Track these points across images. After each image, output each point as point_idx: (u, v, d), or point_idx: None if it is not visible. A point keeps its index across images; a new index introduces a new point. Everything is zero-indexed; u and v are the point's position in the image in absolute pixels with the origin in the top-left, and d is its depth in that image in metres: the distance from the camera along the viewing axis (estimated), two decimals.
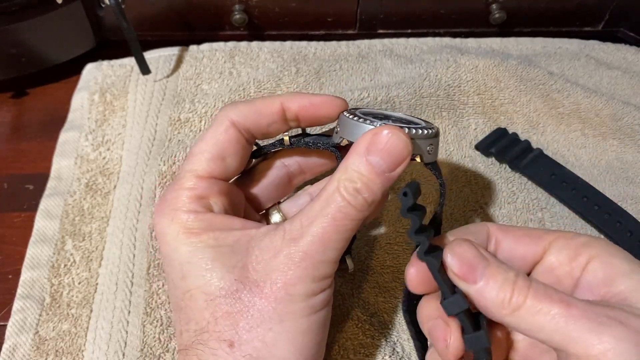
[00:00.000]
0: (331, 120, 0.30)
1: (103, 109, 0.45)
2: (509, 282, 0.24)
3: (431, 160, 0.28)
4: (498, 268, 0.25)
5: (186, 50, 0.49)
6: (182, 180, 0.29)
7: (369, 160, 0.26)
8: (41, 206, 0.40)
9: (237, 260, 0.26)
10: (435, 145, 0.28)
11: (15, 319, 0.35)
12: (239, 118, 0.29)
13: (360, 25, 0.53)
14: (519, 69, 0.47)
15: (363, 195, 0.26)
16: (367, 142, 0.26)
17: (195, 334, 0.26)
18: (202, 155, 0.29)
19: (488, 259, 0.25)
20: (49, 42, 0.47)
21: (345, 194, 0.26)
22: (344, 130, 0.29)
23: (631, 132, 0.45)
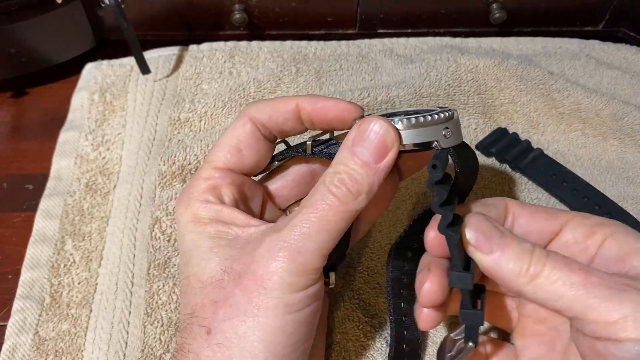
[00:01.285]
0: (345, 125, 0.30)
1: (103, 108, 0.45)
2: (527, 252, 0.24)
3: (452, 143, 0.27)
4: (513, 239, 0.25)
5: (186, 50, 0.49)
6: (201, 171, 0.30)
7: (353, 150, 0.26)
8: (41, 206, 0.40)
9: (231, 254, 0.27)
10: (452, 128, 0.27)
11: (15, 319, 0.35)
12: (256, 114, 0.30)
13: (361, 25, 0.53)
14: (519, 68, 0.47)
15: (347, 186, 0.26)
16: (352, 135, 0.26)
17: (188, 317, 0.27)
18: (222, 148, 0.30)
19: (503, 231, 0.25)
20: (48, 41, 0.47)
21: (329, 185, 0.26)
22: None
23: (631, 132, 0.44)
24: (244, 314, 0.25)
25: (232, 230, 0.28)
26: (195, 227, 0.28)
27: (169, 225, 0.38)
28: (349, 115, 0.29)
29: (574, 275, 0.23)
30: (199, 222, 0.28)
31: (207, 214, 0.28)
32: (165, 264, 0.36)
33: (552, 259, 0.24)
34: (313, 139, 0.30)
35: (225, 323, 0.25)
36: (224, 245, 0.27)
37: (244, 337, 0.25)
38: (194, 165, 0.41)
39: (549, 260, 0.24)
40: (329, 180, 0.26)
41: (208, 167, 0.30)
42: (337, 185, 0.26)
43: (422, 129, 0.26)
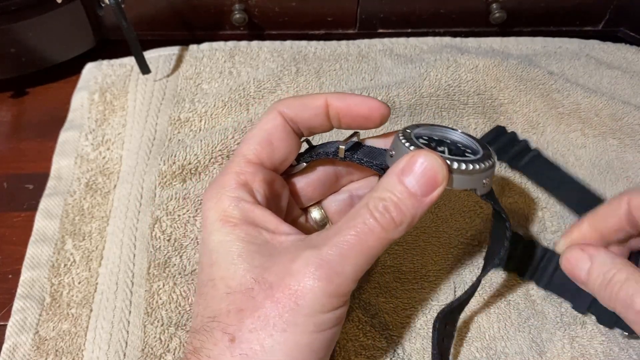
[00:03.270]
0: (372, 124, 0.30)
1: (103, 108, 0.45)
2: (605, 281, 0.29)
3: (485, 192, 0.28)
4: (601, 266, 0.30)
5: (186, 49, 0.49)
6: (232, 164, 0.29)
7: (402, 180, 0.26)
8: (41, 206, 0.40)
9: (260, 261, 0.26)
10: (490, 178, 0.28)
11: (15, 319, 0.35)
12: (285, 109, 0.30)
13: (360, 24, 0.53)
14: (519, 68, 0.47)
15: (391, 214, 0.25)
16: (403, 163, 0.26)
17: (208, 320, 0.26)
18: (253, 140, 0.30)
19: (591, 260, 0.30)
20: (48, 41, 0.47)
21: (373, 210, 0.25)
22: (398, 155, 0.28)
23: (631, 131, 0.45)
24: (273, 327, 0.25)
25: (262, 235, 0.27)
26: (223, 227, 0.27)
27: (169, 225, 0.38)
28: (376, 113, 0.29)
29: None
30: (228, 221, 0.27)
31: (237, 213, 0.28)
32: (165, 263, 0.36)
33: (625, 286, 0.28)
34: (344, 142, 0.30)
35: (252, 334, 0.25)
36: (254, 252, 0.27)
37: (270, 350, 0.25)
38: (194, 165, 0.41)
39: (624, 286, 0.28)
40: (373, 205, 0.26)
41: (240, 160, 0.29)
42: (382, 212, 0.25)
43: (463, 177, 0.27)
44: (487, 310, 0.35)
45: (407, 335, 0.34)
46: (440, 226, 0.39)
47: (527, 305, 0.36)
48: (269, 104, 0.45)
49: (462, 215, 0.40)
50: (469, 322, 0.35)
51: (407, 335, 0.34)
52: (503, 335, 0.34)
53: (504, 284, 0.36)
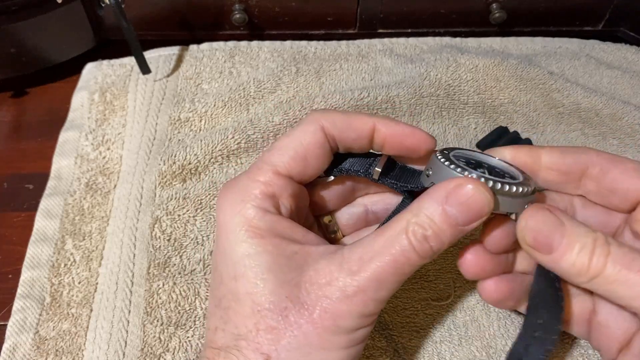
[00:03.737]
0: (416, 155, 0.29)
1: (103, 108, 0.45)
2: (587, 250, 0.24)
3: None
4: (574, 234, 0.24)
5: (186, 49, 0.49)
6: (259, 172, 0.27)
7: (445, 209, 0.25)
8: (41, 206, 0.40)
9: (291, 277, 0.26)
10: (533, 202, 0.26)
11: (15, 319, 0.35)
12: (329, 125, 0.28)
13: (361, 24, 0.53)
14: (519, 68, 0.47)
15: (430, 244, 0.25)
16: (447, 191, 0.25)
17: (233, 338, 0.25)
18: (286, 151, 0.28)
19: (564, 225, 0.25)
20: (48, 41, 0.47)
21: (412, 239, 0.25)
22: (437, 175, 0.27)
23: (631, 131, 0.45)
24: (310, 346, 0.25)
25: (290, 247, 0.26)
26: (251, 238, 0.26)
27: (169, 225, 0.38)
28: (424, 146, 0.29)
29: (633, 276, 0.23)
30: (255, 233, 0.26)
31: (264, 224, 0.26)
32: (165, 263, 0.36)
33: (612, 256, 0.23)
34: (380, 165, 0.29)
35: (289, 353, 0.25)
36: (283, 265, 0.26)
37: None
38: (194, 165, 0.41)
39: (609, 259, 0.23)
40: (412, 232, 0.25)
41: (268, 170, 0.27)
42: (421, 241, 0.25)
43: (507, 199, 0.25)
44: (486, 309, 0.35)
45: (407, 334, 0.34)
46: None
47: None
48: (269, 104, 0.46)
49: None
50: (469, 321, 0.35)
51: (407, 335, 0.34)
52: (503, 333, 0.34)
53: None
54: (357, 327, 0.26)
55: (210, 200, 0.40)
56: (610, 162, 0.27)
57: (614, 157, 0.27)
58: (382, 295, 0.25)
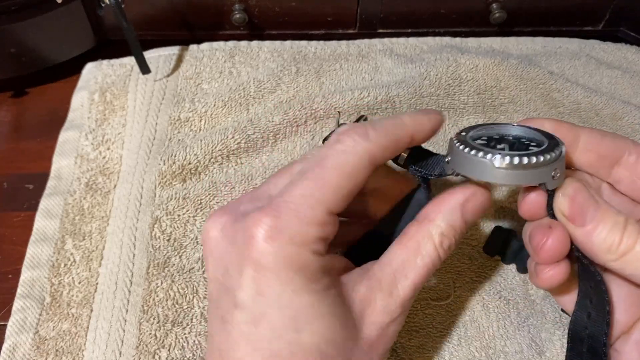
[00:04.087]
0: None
1: (103, 108, 0.45)
2: (619, 227, 0.24)
3: (558, 184, 0.25)
4: (608, 212, 0.25)
5: (186, 49, 0.49)
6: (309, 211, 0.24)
7: (465, 216, 0.27)
8: (41, 205, 0.40)
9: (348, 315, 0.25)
10: (560, 169, 0.25)
11: (15, 319, 0.35)
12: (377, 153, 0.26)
13: (361, 24, 0.53)
14: (519, 68, 0.47)
15: (451, 249, 0.27)
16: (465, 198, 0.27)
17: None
18: (340, 190, 0.25)
19: (598, 202, 0.25)
20: (48, 41, 0.47)
21: (440, 250, 0.26)
22: (457, 164, 0.26)
23: (631, 131, 0.45)
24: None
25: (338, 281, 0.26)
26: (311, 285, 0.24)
27: (169, 225, 0.38)
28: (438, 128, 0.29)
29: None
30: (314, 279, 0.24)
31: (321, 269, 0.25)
32: (164, 263, 0.36)
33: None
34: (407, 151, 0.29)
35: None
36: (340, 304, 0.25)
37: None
38: (194, 165, 0.41)
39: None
40: (439, 242, 0.26)
41: (321, 210, 0.24)
42: (446, 250, 0.27)
43: (530, 171, 0.24)
44: (486, 310, 0.35)
45: (406, 334, 0.34)
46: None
47: (527, 305, 0.36)
48: (269, 104, 0.45)
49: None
50: (468, 322, 0.35)
51: (407, 335, 0.34)
52: (502, 334, 0.34)
53: (504, 283, 0.36)
54: None
55: (210, 200, 0.40)
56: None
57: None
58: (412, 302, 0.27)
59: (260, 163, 0.42)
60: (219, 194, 0.40)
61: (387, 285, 0.26)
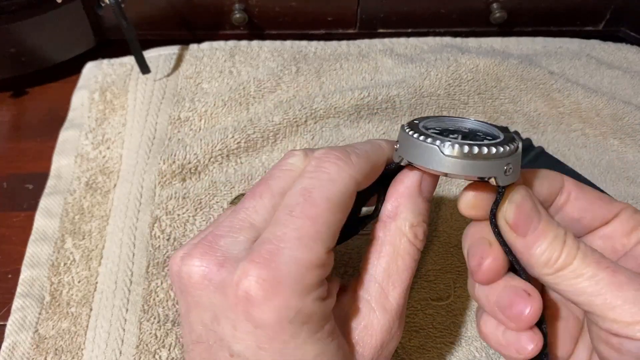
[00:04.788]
0: None
1: (103, 107, 0.45)
2: (559, 241, 0.24)
3: (510, 181, 0.24)
4: (550, 224, 0.24)
5: (186, 49, 0.49)
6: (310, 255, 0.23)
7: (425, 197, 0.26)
8: (41, 205, 0.40)
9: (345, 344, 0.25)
10: (514, 165, 0.24)
11: (15, 318, 0.35)
12: (360, 178, 0.25)
13: (361, 24, 0.53)
14: (519, 68, 0.47)
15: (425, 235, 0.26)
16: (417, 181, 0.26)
17: None
18: (333, 225, 0.24)
19: (542, 214, 0.24)
20: (48, 41, 0.47)
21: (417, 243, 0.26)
22: (406, 150, 0.25)
23: (632, 131, 0.44)
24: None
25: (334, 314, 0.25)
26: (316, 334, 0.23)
27: (169, 224, 0.38)
28: None
29: (601, 273, 0.23)
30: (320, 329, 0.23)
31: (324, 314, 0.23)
32: (164, 262, 0.36)
33: (582, 251, 0.23)
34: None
35: None
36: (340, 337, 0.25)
37: None
38: (193, 165, 0.41)
39: (579, 253, 0.23)
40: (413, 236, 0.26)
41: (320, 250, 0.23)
42: (422, 240, 0.26)
43: (481, 162, 0.23)
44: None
45: (406, 334, 0.34)
46: (440, 226, 0.39)
47: None
48: (269, 104, 0.45)
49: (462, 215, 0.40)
50: (469, 322, 0.35)
51: (407, 335, 0.34)
52: None
53: None
54: None
55: (210, 199, 0.40)
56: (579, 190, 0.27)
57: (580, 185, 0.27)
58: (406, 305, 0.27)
59: (260, 163, 0.42)
60: (218, 194, 0.40)
61: (377, 301, 0.25)
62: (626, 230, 0.26)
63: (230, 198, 0.39)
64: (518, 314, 0.24)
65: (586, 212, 0.26)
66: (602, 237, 0.27)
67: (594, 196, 0.27)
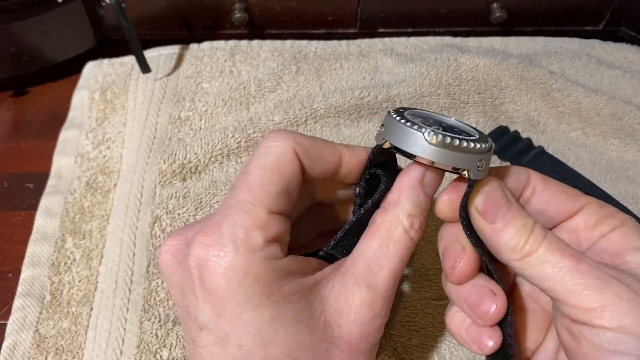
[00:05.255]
0: None
1: (103, 107, 0.45)
2: (527, 229, 0.24)
3: (480, 176, 0.25)
4: (519, 213, 0.25)
5: (187, 48, 0.49)
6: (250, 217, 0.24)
7: (426, 191, 0.26)
8: (41, 204, 0.40)
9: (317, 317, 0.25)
10: (486, 162, 0.25)
11: (15, 317, 0.35)
12: (301, 152, 0.26)
13: (361, 24, 0.53)
14: (519, 68, 0.47)
15: (421, 227, 0.26)
16: (420, 175, 0.26)
17: None
18: (270, 186, 0.24)
19: (511, 203, 0.25)
20: (49, 40, 0.47)
21: (409, 231, 0.26)
22: (390, 133, 0.26)
23: (632, 131, 0.44)
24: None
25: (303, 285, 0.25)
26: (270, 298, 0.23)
27: (169, 224, 0.38)
28: None
29: (565, 260, 0.23)
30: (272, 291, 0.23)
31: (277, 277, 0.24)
32: None
33: (548, 240, 0.24)
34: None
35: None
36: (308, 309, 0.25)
37: None
38: (194, 164, 0.41)
39: (545, 241, 0.24)
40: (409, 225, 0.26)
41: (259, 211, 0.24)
42: (417, 230, 0.26)
43: (458, 154, 0.24)
44: None
45: (406, 334, 0.34)
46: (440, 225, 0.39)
47: None
48: (269, 103, 0.46)
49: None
50: None
51: (407, 334, 0.34)
52: None
53: None
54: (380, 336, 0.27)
55: (210, 199, 0.40)
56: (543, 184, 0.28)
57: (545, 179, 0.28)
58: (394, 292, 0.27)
59: None
60: (219, 193, 0.40)
61: (363, 278, 0.26)
62: (590, 224, 0.27)
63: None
64: (485, 312, 0.26)
65: (549, 204, 0.27)
66: (567, 230, 0.27)
67: (558, 189, 0.27)
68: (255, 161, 0.25)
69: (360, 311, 0.25)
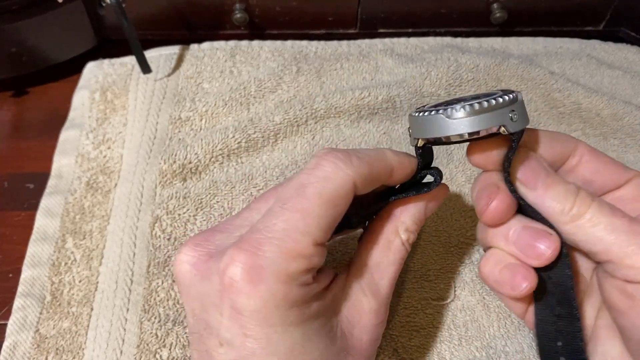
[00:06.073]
0: None
1: (104, 107, 0.45)
2: (571, 193, 0.25)
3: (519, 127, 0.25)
4: (559, 179, 0.25)
5: (187, 49, 0.49)
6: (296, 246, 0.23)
7: (427, 214, 0.28)
8: (42, 204, 0.40)
9: (335, 328, 0.26)
10: (518, 111, 0.25)
11: (15, 317, 0.35)
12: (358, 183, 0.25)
13: (361, 24, 0.53)
14: (519, 68, 0.47)
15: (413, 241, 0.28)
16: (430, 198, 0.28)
17: None
18: (323, 219, 0.24)
19: (550, 172, 0.26)
20: (49, 41, 0.47)
21: (407, 246, 0.28)
22: (418, 130, 0.26)
23: (632, 131, 0.44)
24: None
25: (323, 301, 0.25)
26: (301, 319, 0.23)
27: (170, 224, 0.38)
28: None
29: (617, 221, 0.23)
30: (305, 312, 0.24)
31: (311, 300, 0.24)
32: (165, 262, 0.36)
33: (597, 202, 0.24)
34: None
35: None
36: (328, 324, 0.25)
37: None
38: (194, 164, 0.41)
39: (594, 204, 0.24)
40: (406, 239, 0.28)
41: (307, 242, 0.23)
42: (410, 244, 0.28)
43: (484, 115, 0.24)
44: (487, 310, 0.35)
45: (407, 334, 0.34)
46: (440, 225, 0.39)
47: None
48: (269, 103, 0.46)
49: (462, 215, 0.40)
50: (469, 321, 0.35)
51: (407, 335, 0.34)
52: (503, 334, 0.34)
53: None
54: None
55: (211, 199, 0.40)
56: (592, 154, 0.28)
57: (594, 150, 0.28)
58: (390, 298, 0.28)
59: (261, 162, 0.42)
60: (219, 193, 0.40)
61: (369, 288, 0.27)
62: (637, 195, 0.27)
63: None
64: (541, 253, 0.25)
65: (598, 174, 0.27)
66: (613, 200, 0.27)
67: (607, 160, 0.28)
68: (314, 186, 0.24)
69: (369, 319, 0.27)
